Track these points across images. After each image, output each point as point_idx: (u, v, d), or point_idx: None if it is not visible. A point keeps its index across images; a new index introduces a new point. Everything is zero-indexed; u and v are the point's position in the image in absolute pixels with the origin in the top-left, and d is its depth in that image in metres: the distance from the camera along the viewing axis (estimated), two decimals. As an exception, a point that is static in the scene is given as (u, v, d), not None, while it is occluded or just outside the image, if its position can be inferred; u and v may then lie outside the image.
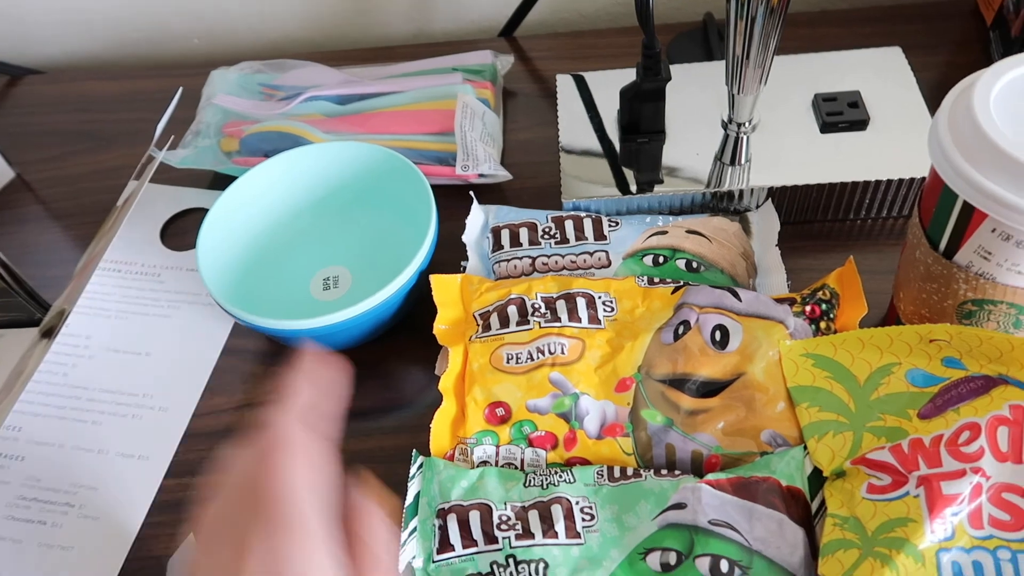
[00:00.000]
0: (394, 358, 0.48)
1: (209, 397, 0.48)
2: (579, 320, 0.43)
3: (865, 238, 0.50)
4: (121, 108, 0.68)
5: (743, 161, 0.51)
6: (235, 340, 0.51)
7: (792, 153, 0.50)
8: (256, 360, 0.50)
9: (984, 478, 0.33)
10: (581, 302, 0.44)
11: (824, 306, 0.42)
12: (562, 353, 0.42)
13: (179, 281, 0.54)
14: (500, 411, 0.41)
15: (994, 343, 0.35)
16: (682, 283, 0.44)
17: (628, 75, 0.52)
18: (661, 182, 0.50)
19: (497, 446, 0.41)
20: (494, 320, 0.44)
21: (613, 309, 0.44)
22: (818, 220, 0.51)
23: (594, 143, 0.53)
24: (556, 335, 0.43)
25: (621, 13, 0.71)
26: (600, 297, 0.44)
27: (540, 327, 0.43)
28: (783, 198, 0.49)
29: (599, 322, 0.43)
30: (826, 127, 0.51)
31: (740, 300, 0.43)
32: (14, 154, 0.64)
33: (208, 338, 0.51)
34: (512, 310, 0.44)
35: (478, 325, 0.44)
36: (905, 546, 0.33)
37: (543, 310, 0.44)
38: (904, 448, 0.35)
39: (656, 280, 0.45)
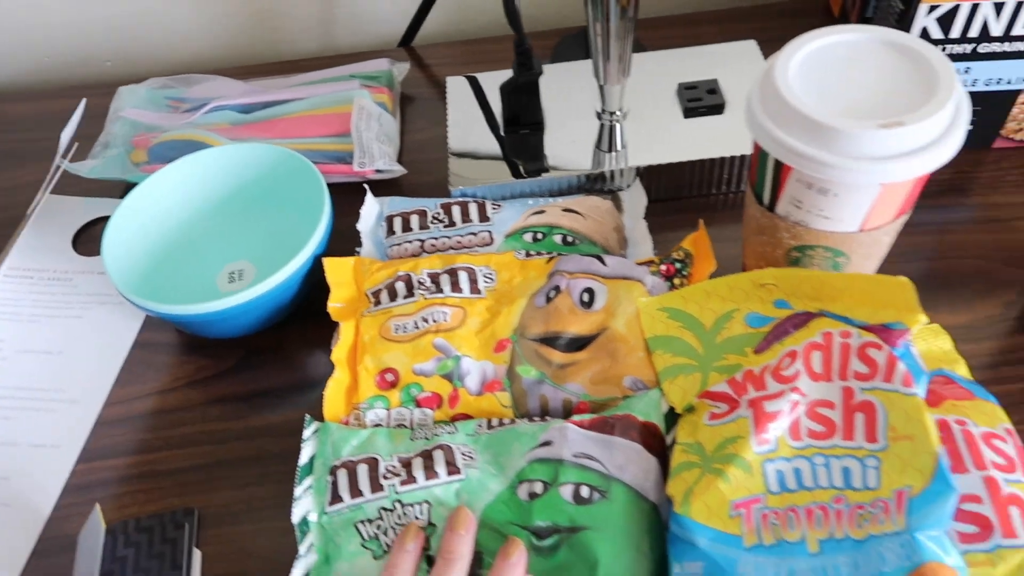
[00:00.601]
0: (296, 340, 0.51)
1: (120, 387, 0.51)
2: (460, 291, 0.47)
3: (726, 209, 0.55)
4: (36, 128, 0.70)
5: (619, 147, 0.56)
6: (145, 334, 0.53)
7: (659, 137, 0.55)
8: (166, 351, 0.52)
9: (800, 395, 0.37)
10: (463, 275, 0.47)
11: (678, 265, 0.47)
12: (445, 320, 0.46)
13: (91, 284, 0.56)
14: (390, 376, 0.45)
15: (810, 281, 0.40)
16: (555, 254, 0.48)
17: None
18: (544, 169, 0.55)
19: (388, 409, 0.44)
20: (384, 296, 0.48)
21: (493, 280, 0.48)
22: (684, 196, 0.56)
23: (481, 136, 0.57)
24: (439, 305, 0.46)
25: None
26: (481, 270, 0.48)
27: (425, 299, 0.47)
28: (651, 177, 0.54)
29: (480, 292, 0.47)
30: (688, 112, 0.56)
31: (606, 265, 0.47)
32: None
33: (119, 334, 0.53)
34: (400, 285, 0.48)
35: (370, 302, 0.48)
36: (735, 460, 0.37)
37: (428, 284, 0.47)
38: (738, 379, 0.40)
39: (533, 253, 0.49)
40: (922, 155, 0.35)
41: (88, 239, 0.60)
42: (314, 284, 0.50)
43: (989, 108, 0.53)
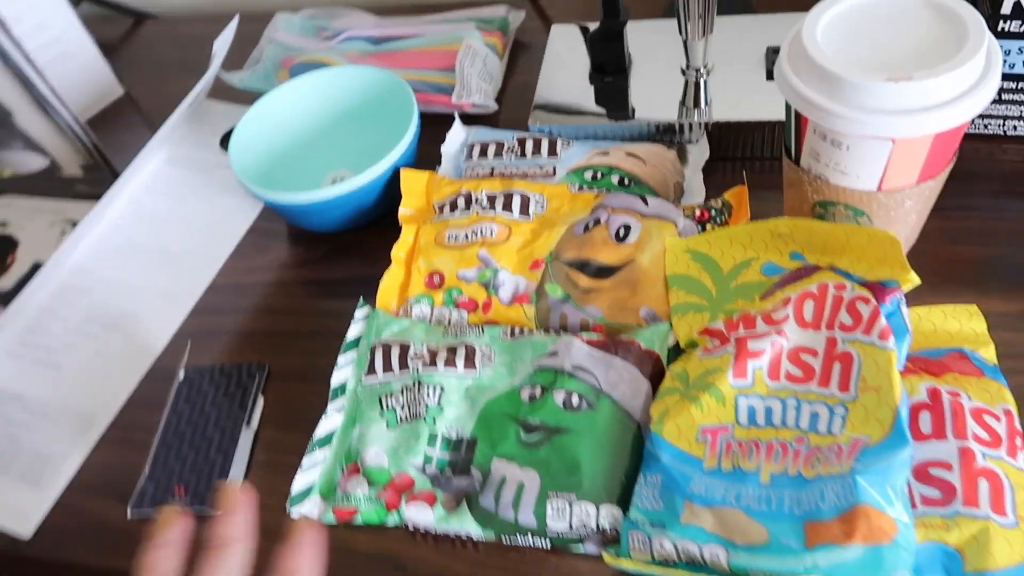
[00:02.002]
0: (376, 240, 0.58)
1: (232, 260, 0.60)
2: (511, 212, 0.52)
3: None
4: (204, 45, 0.81)
5: (703, 104, 0.58)
6: (260, 222, 0.63)
7: (737, 96, 0.56)
8: (273, 237, 0.61)
9: (784, 339, 0.39)
10: (516, 198, 0.52)
11: (712, 212, 0.49)
12: (491, 235, 0.51)
13: (227, 176, 0.66)
14: (436, 278, 0.51)
15: (819, 233, 0.41)
16: (605, 190, 0.52)
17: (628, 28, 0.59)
18: (624, 115, 0.58)
19: (432, 307, 0.50)
20: (446, 208, 0.53)
21: (543, 207, 0.52)
22: (747, 157, 0.57)
23: (569, 81, 0.61)
24: (489, 221, 0.51)
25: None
26: (535, 197, 0.52)
27: (478, 215, 0.52)
28: (719, 133, 0.56)
29: (528, 215, 0.52)
30: (770, 75, 0.57)
31: (647, 204, 0.50)
32: (128, 78, 0.80)
33: (242, 217, 0.63)
34: (460, 200, 0.53)
35: (435, 212, 0.54)
36: (711, 388, 0.39)
37: (484, 202, 0.52)
38: (734, 318, 0.42)
39: (585, 188, 0.53)
40: (935, 112, 0.35)
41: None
42: (399, 193, 0.57)
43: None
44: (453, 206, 0.53)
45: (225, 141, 0.70)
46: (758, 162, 0.57)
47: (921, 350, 0.41)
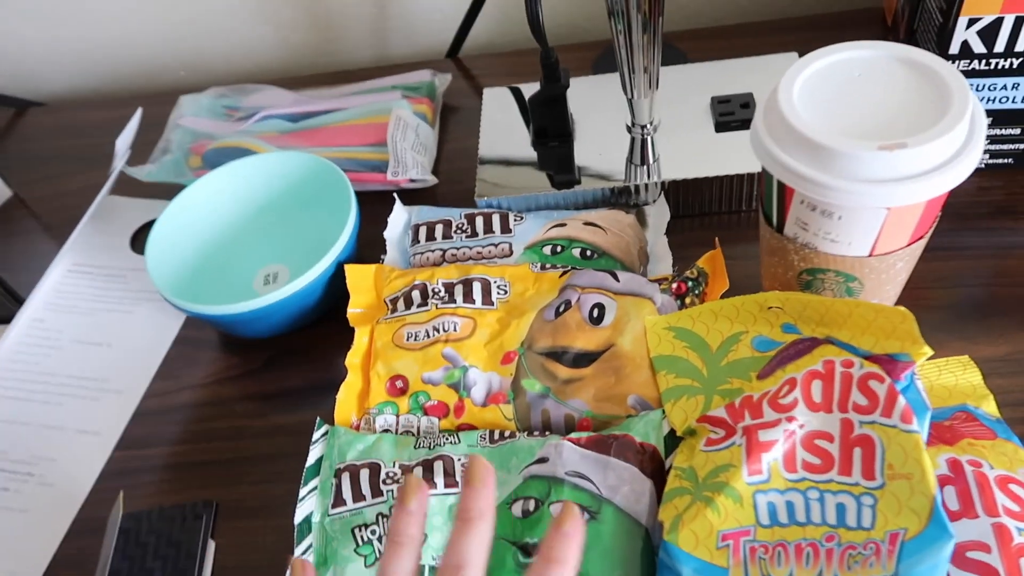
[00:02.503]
0: (321, 343, 0.53)
1: (159, 381, 0.54)
2: (473, 302, 0.48)
3: (751, 227, 0.54)
4: (106, 134, 0.75)
5: (651, 161, 0.55)
6: (186, 331, 0.56)
7: (688, 151, 0.54)
8: (203, 348, 0.55)
9: (798, 426, 0.36)
10: (477, 286, 0.48)
11: (690, 283, 0.46)
12: (455, 331, 0.46)
13: (142, 281, 0.60)
14: (399, 383, 0.46)
15: (815, 305, 0.39)
16: (569, 268, 0.48)
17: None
18: (571, 182, 0.55)
19: (397, 415, 0.46)
20: (400, 303, 0.49)
21: (506, 292, 0.48)
22: (709, 213, 0.55)
23: (511, 147, 0.58)
24: (451, 315, 0.47)
25: (566, 33, 0.77)
26: (495, 282, 0.48)
27: (437, 308, 0.48)
28: (676, 192, 0.53)
29: (492, 303, 0.48)
30: (720, 126, 0.55)
31: (618, 281, 0.47)
32: (15, 176, 0.72)
33: (163, 330, 0.56)
34: (415, 294, 0.49)
35: (387, 309, 0.49)
36: (726, 489, 0.36)
37: (442, 293, 0.48)
38: (736, 405, 0.39)
39: (548, 266, 0.49)
40: (930, 178, 0.33)
41: (145, 238, 0.64)
42: (343, 288, 0.52)
43: (1046, 125, 0.49)
44: (408, 301, 0.49)
45: (136, 241, 0.63)
46: (717, 216, 0.55)
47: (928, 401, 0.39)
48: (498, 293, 0.48)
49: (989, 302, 0.47)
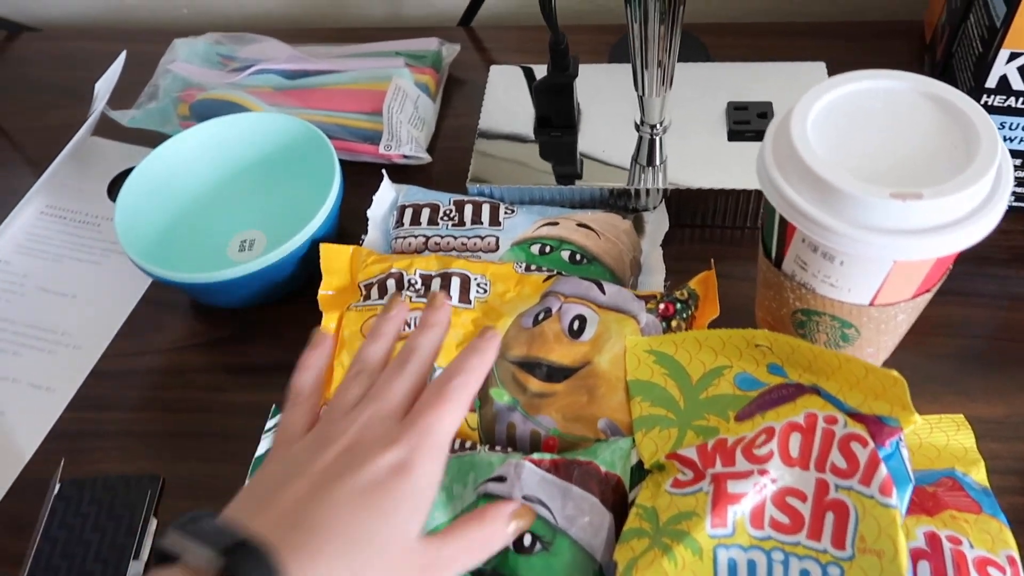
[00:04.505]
0: (290, 320, 0.51)
1: (120, 340, 0.52)
2: (449, 299, 0.45)
3: (754, 245, 0.51)
4: (100, 68, 0.72)
5: (658, 163, 0.52)
6: (154, 290, 0.54)
7: (696, 157, 0.51)
8: (169, 311, 0.53)
9: (770, 480, 0.34)
10: (456, 281, 0.46)
11: (679, 305, 0.43)
12: (426, 328, 0.44)
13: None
14: (363, 377, 0.44)
15: (802, 352, 0.36)
16: (555, 272, 0.46)
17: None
18: (571, 177, 0.52)
19: None
20: (374, 291, 0.46)
21: (486, 291, 0.46)
22: (710, 225, 0.52)
23: (511, 134, 0.55)
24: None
25: (589, 11, 0.73)
26: (476, 279, 0.46)
27: (411, 301, 0.45)
28: (678, 200, 0.50)
29: (469, 302, 0.45)
30: (733, 135, 0.52)
31: (604, 293, 0.44)
32: (1, 104, 0.69)
33: (130, 286, 0.54)
34: (391, 283, 0.46)
35: (360, 294, 0.47)
36: (686, 538, 0.34)
37: (418, 285, 0.46)
38: (708, 447, 0.36)
39: (533, 268, 0.46)
40: (943, 234, 0.30)
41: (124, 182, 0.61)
42: (318, 264, 0.49)
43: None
44: (383, 289, 0.46)
45: (114, 188, 0.61)
46: (719, 230, 0.52)
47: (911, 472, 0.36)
48: (477, 291, 0.46)
49: (993, 357, 0.44)
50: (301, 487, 0.29)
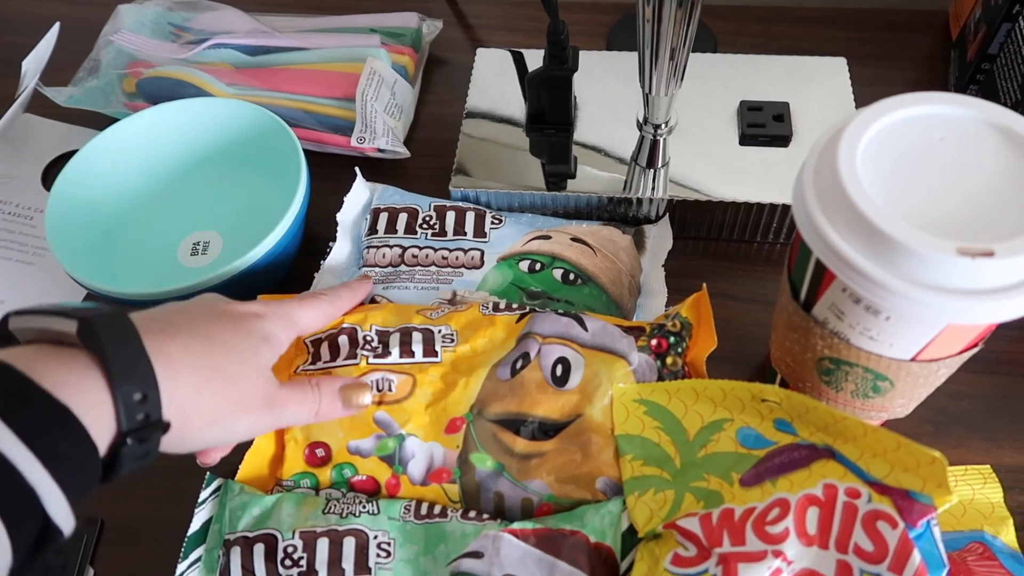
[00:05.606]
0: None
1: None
2: (411, 355, 0.39)
3: (769, 264, 0.46)
4: (41, 35, 0.64)
5: (659, 166, 0.47)
6: (95, 296, 0.48)
7: (703, 163, 0.46)
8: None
9: (785, 562, 0.30)
10: (417, 336, 0.40)
11: (672, 339, 0.38)
12: (390, 390, 0.38)
13: (52, 226, 0.51)
14: (320, 452, 0.38)
15: (819, 413, 0.32)
16: (528, 309, 0.40)
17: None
18: (572, 176, 0.47)
19: (316, 489, 0.38)
20: (324, 350, 0.40)
21: (454, 340, 0.40)
22: (718, 239, 0.47)
23: (499, 129, 0.49)
24: (385, 370, 0.39)
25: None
26: (440, 331, 0.40)
27: (368, 363, 0.39)
28: (684, 211, 0.46)
29: (436, 354, 0.39)
30: (745, 139, 0.47)
31: (586, 330, 0.39)
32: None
33: (67, 291, 0.48)
34: (343, 340, 0.40)
35: (307, 352, 0.41)
36: (692, 629, 0.30)
37: (375, 343, 0.40)
38: (713, 519, 0.32)
39: (503, 306, 0.41)
40: (1013, 297, 0.26)
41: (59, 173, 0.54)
42: (281, 277, 0.44)
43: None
44: (334, 348, 0.40)
45: (49, 175, 0.54)
46: (727, 244, 0.47)
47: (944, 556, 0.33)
48: (444, 343, 0.39)
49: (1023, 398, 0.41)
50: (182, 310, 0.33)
